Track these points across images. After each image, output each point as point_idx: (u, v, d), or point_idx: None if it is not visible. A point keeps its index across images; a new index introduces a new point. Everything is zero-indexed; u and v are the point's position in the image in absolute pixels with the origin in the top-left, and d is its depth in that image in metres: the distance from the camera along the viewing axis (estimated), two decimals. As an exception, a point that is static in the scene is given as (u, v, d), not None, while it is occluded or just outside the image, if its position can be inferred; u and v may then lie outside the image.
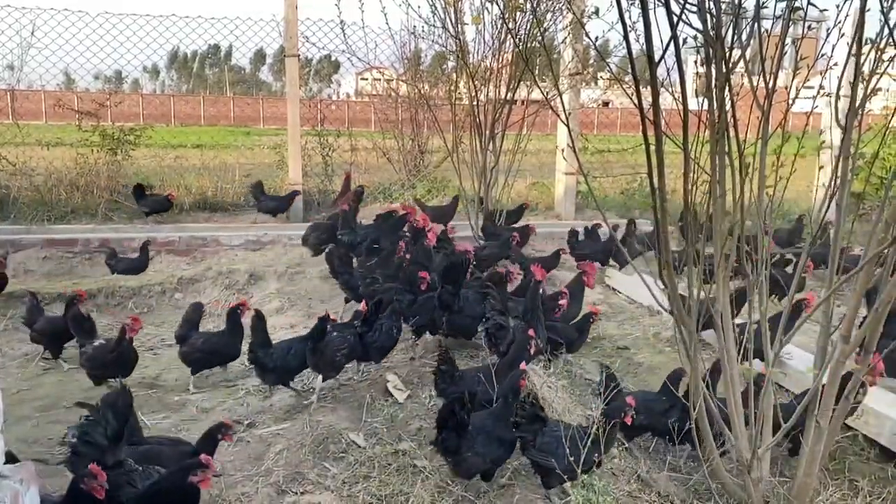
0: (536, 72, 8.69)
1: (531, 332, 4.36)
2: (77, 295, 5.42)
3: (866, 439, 4.39)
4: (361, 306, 4.96)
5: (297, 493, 3.63)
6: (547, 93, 6.77)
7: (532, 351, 4.31)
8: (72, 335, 5.31)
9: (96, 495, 2.90)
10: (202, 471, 3.07)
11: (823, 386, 3.21)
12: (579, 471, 3.40)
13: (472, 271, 6.20)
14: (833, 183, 3.35)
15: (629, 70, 3.13)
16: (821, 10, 3.36)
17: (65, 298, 6.86)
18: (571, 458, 3.39)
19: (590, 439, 3.41)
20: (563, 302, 5.38)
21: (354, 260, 6.53)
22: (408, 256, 5.94)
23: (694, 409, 3.40)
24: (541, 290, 5.24)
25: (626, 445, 4.19)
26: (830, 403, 3.22)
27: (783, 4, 3.24)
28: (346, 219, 7.37)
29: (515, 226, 8.34)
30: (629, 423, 3.65)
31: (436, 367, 4.24)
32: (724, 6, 3.04)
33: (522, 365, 3.88)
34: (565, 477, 3.49)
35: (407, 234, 6.77)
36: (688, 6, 2.88)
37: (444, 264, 5.60)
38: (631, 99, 3.02)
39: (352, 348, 4.66)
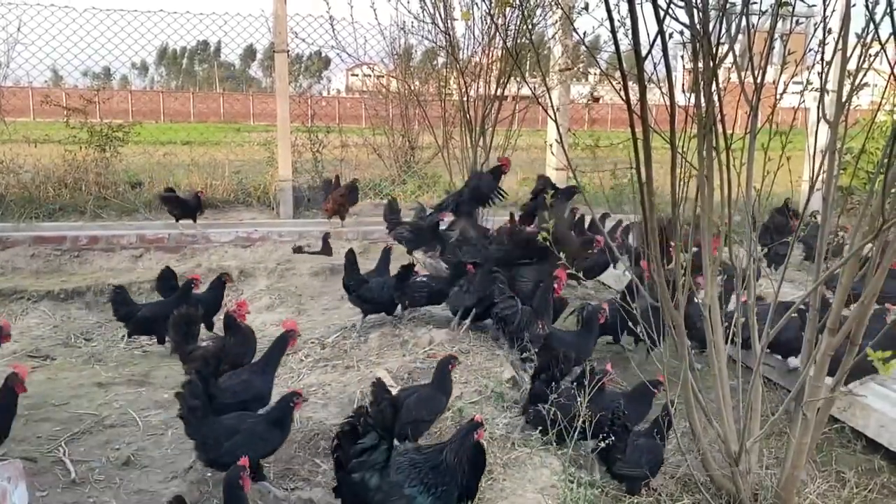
0: (526, 67, 8.70)
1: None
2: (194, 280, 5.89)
3: (853, 431, 4.44)
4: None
5: (288, 490, 3.63)
6: (536, 88, 6.79)
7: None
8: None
9: None
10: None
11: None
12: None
13: None
14: (814, 175, 3.37)
15: (617, 65, 3.13)
16: (809, 6, 3.38)
17: (53, 296, 6.89)
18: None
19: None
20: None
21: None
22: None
23: (673, 404, 3.43)
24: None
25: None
26: (817, 395, 3.24)
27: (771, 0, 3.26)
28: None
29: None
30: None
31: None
32: (711, 1, 3.06)
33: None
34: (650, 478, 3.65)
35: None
36: (674, 1, 2.89)
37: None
38: (619, 94, 3.03)
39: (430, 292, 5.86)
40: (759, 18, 3.43)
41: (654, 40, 2.84)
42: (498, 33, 7.74)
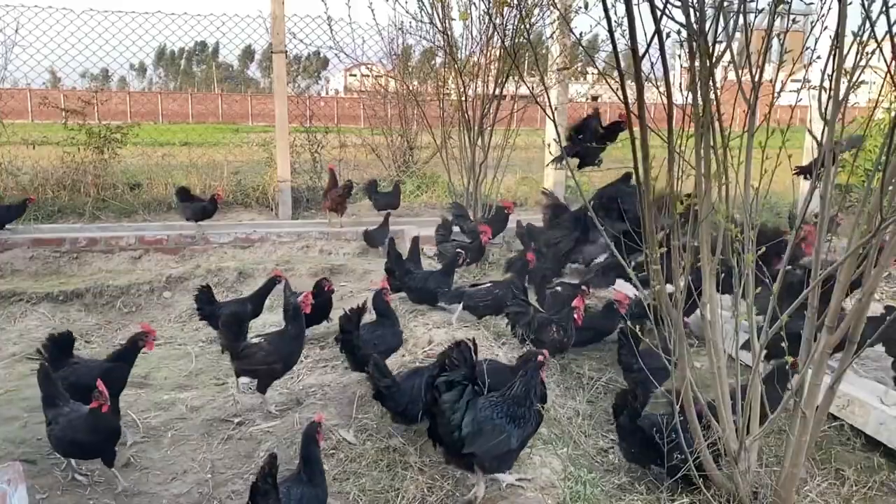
0: (524, 67, 8.70)
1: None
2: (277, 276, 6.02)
3: (852, 429, 4.44)
4: None
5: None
6: (534, 88, 6.79)
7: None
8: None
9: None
10: None
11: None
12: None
13: None
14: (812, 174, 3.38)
15: (615, 65, 3.13)
16: (806, 4, 3.38)
17: (52, 298, 6.88)
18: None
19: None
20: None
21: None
22: None
23: (679, 401, 3.43)
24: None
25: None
26: (816, 394, 3.25)
27: (768, -2, 3.26)
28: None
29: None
30: None
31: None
32: (708, 0, 3.06)
33: None
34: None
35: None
36: (671, 1, 2.89)
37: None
38: (616, 94, 3.03)
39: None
40: (756, 17, 3.43)
41: (651, 40, 2.84)
42: (496, 33, 7.74)
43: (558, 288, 6.04)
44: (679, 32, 3.03)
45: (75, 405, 3.74)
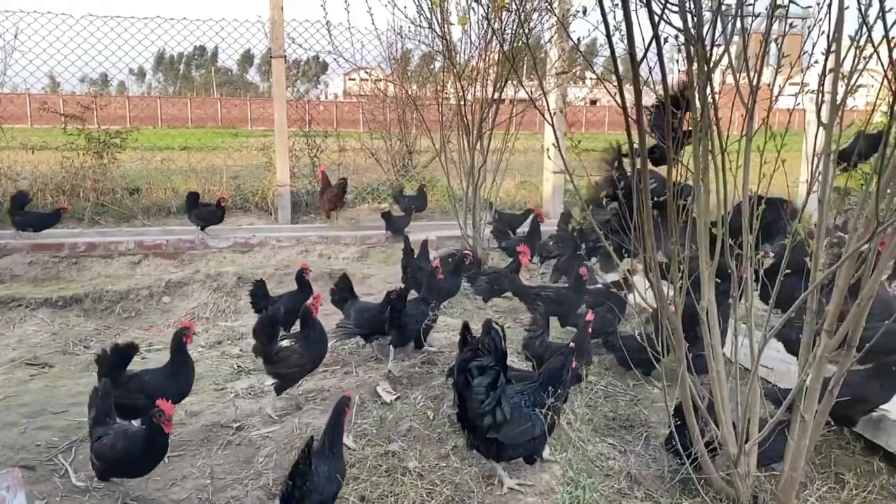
0: (523, 71, 8.71)
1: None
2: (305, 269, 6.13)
3: (851, 433, 4.44)
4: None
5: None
6: (532, 92, 6.79)
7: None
8: None
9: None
10: None
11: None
12: None
13: None
14: (811, 177, 3.38)
15: (613, 69, 3.14)
16: (803, 8, 3.39)
17: (51, 304, 6.88)
18: None
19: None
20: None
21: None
22: None
23: (670, 405, 3.43)
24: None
25: (623, 448, 4.22)
26: (815, 398, 3.25)
27: (766, 2, 3.27)
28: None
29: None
30: None
31: None
32: (704, 4, 3.07)
33: None
34: None
35: None
36: (669, 6, 2.90)
37: None
38: (614, 99, 3.03)
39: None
40: (753, 21, 3.44)
41: (649, 44, 2.85)
42: (495, 37, 7.75)
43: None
44: (677, 37, 3.04)
45: (122, 424, 3.71)
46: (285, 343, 4.63)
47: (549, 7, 6.81)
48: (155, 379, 4.14)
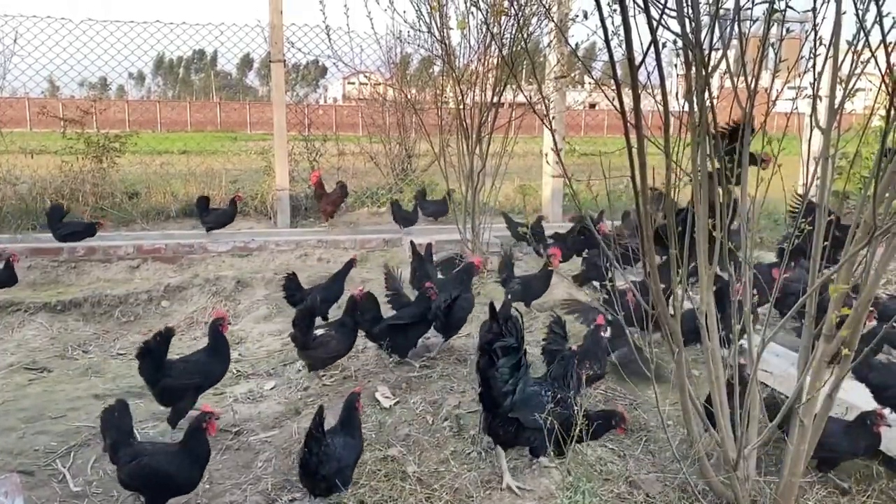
0: (522, 76, 8.72)
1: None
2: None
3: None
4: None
5: (285, 501, 3.62)
6: (532, 97, 6.80)
7: None
8: None
9: None
10: None
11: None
12: None
13: None
14: (808, 182, 3.39)
15: (612, 74, 3.14)
16: (801, 12, 3.40)
17: (50, 308, 6.87)
18: None
19: None
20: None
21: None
22: None
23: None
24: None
25: (622, 453, 4.21)
26: (815, 402, 3.25)
27: (763, 7, 3.27)
28: None
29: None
30: None
31: None
32: (703, 9, 3.07)
33: None
34: None
35: None
36: (667, 11, 2.90)
37: None
38: (612, 103, 3.03)
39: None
40: (752, 25, 3.45)
41: (648, 49, 2.85)
42: (493, 42, 7.76)
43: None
44: (675, 42, 3.05)
45: (145, 442, 3.74)
46: (319, 331, 5.05)
47: (547, 12, 6.81)
48: (199, 361, 4.48)
